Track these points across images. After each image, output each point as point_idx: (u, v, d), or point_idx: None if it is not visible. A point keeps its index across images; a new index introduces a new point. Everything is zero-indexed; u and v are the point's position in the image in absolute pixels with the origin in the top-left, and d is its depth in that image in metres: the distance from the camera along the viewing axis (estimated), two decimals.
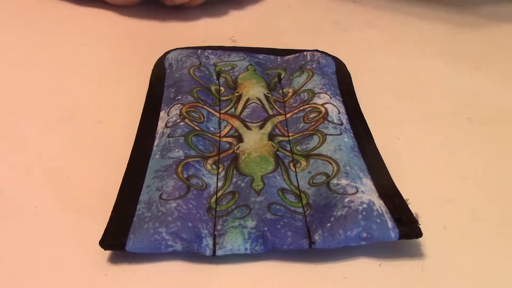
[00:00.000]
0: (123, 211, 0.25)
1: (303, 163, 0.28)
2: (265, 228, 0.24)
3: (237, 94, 0.34)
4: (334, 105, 0.32)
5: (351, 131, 0.31)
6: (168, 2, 0.46)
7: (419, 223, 0.24)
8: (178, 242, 0.24)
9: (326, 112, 0.31)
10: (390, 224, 0.24)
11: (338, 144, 0.29)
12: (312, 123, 0.31)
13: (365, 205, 0.24)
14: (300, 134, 0.30)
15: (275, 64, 0.38)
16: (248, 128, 0.31)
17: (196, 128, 0.30)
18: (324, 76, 0.35)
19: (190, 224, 0.24)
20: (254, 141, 0.29)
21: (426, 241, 0.25)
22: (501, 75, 0.39)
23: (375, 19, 0.47)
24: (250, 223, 0.24)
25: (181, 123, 0.30)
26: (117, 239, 0.24)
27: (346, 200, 0.25)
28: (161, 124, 0.31)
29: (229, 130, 0.31)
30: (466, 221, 0.27)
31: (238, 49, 0.39)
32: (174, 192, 0.25)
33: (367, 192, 0.26)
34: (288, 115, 0.32)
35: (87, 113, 0.34)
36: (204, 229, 0.24)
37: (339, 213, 0.24)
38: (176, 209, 0.25)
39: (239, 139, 0.30)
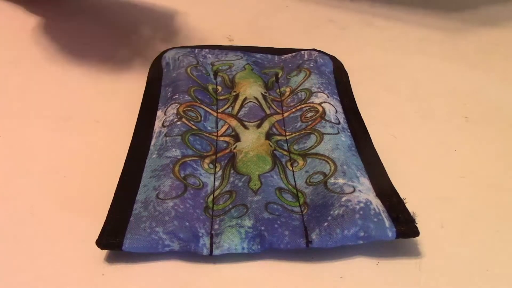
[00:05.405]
0: (120, 211, 0.25)
1: (300, 162, 0.28)
2: (262, 228, 0.24)
3: (234, 93, 0.34)
4: (332, 104, 0.32)
5: (349, 130, 0.31)
6: None
7: (416, 222, 0.24)
8: (175, 241, 0.24)
9: (324, 111, 0.31)
10: (387, 223, 0.24)
11: (336, 143, 0.29)
12: (310, 122, 0.31)
13: (362, 204, 0.24)
14: (297, 133, 0.30)
15: (273, 63, 0.38)
16: (245, 127, 0.30)
17: (193, 127, 0.30)
18: (321, 75, 0.35)
19: (187, 223, 0.24)
20: (251, 140, 0.29)
21: (423, 240, 0.25)
22: (498, 74, 0.39)
23: (373, 18, 0.47)
24: (247, 223, 0.24)
25: (178, 123, 0.30)
26: (114, 239, 0.24)
27: (343, 199, 0.25)
28: (158, 124, 0.31)
29: (226, 129, 0.31)
30: (463, 220, 0.27)
31: (236, 48, 0.39)
32: (171, 192, 0.25)
33: (364, 191, 0.26)
34: (285, 114, 0.32)
35: (84, 113, 0.34)
36: (201, 228, 0.24)
37: (336, 212, 0.24)
38: (173, 209, 0.24)
39: (236, 138, 0.30)
